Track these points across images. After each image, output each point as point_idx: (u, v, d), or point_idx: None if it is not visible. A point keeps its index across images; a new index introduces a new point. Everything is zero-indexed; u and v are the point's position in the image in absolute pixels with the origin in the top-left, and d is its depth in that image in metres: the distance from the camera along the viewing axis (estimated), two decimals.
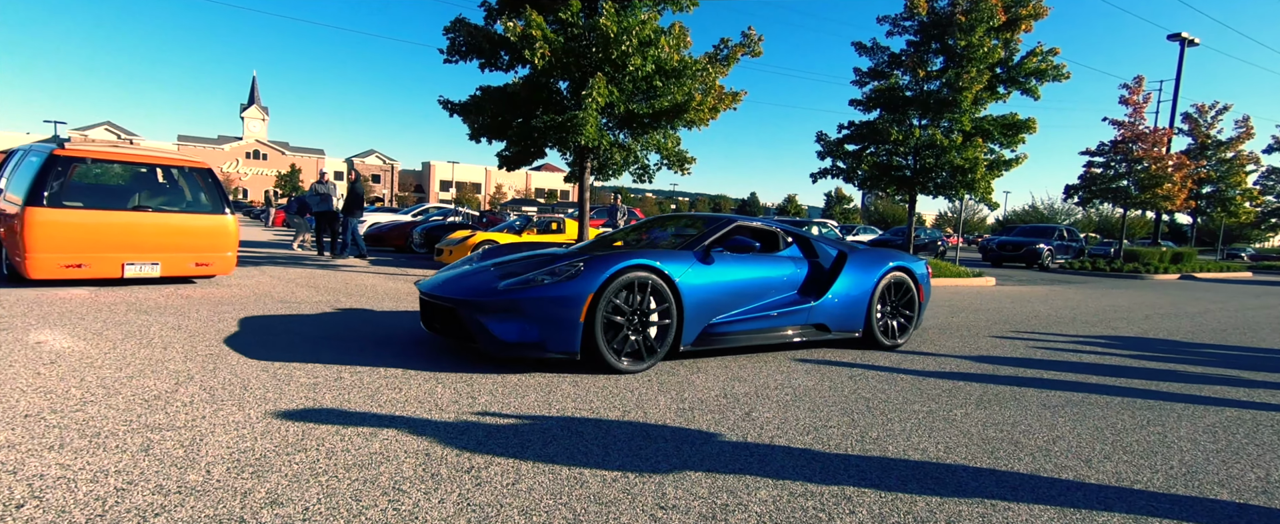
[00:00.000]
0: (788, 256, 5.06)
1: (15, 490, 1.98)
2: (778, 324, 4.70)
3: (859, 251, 5.40)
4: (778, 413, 3.32)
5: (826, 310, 4.94)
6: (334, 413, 2.93)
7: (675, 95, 8.89)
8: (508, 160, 9.58)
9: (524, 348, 3.82)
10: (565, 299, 3.78)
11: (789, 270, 4.91)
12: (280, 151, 79.43)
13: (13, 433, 2.44)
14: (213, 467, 2.24)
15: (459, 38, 8.84)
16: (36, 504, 1.90)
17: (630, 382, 3.79)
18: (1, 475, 2.08)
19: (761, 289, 4.66)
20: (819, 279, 5.05)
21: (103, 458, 2.26)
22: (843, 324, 5.05)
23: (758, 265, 4.73)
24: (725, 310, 4.42)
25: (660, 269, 4.04)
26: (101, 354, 3.78)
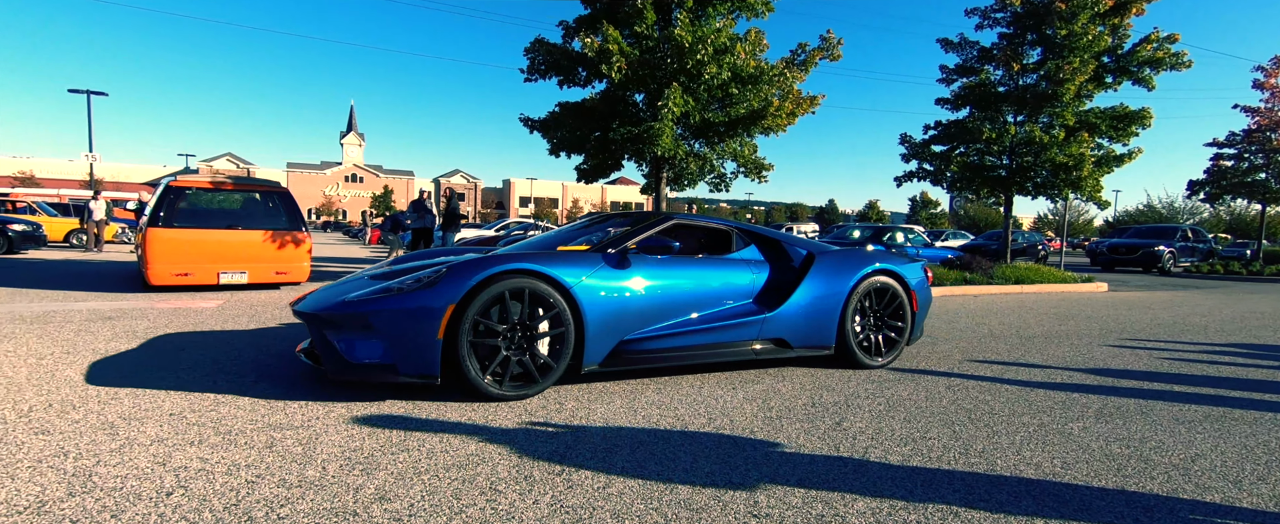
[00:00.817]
0: (741, 259, 4.35)
1: (165, 480, 2.20)
2: (721, 339, 3.97)
3: (832, 252, 4.58)
4: (871, 423, 3.18)
5: (784, 322, 4.15)
6: (432, 417, 3.07)
7: (751, 101, 8.80)
8: (586, 173, 9.79)
9: (371, 370, 3.17)
10: (420, 311, 3.13)
11: (742, 275, 4.20)
12: (375, 174, 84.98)
13: (160, 429, 2.72)
14: (327, 463, 2.40)
15: (538, 57, 9.16)
16: (182, 493, 2.10)
17: (713, 389, 3.75)
18: (154, 467, 2.31)
19: (703, 298, 3.98)
20: (785, 286, 4.32)
21: (234, 453, 2.47)
22: (807, 338, 4.25)
23: (698, 270, 4.04)
24: (650, 323, 3.74)
25: (548, 275, 3.36)
26: (228, 358, 4.14)
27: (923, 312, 4.79)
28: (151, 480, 2.18)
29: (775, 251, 4.54)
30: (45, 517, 1.90)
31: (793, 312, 4.19)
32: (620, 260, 3.72)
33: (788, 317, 4.17)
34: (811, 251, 4.52)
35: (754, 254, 4.46)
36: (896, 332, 4.59)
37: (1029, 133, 12.49)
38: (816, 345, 4.30)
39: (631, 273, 3.72)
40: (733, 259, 4.32)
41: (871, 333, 4.51)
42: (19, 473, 2.20)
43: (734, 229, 4.58)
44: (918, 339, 4.98)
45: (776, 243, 4.59)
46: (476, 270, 3.22)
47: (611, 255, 3.73)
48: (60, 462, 2.31)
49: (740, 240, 4.53)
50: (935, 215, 72.11)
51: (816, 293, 4.28)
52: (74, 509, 1.95)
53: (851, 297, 4.36)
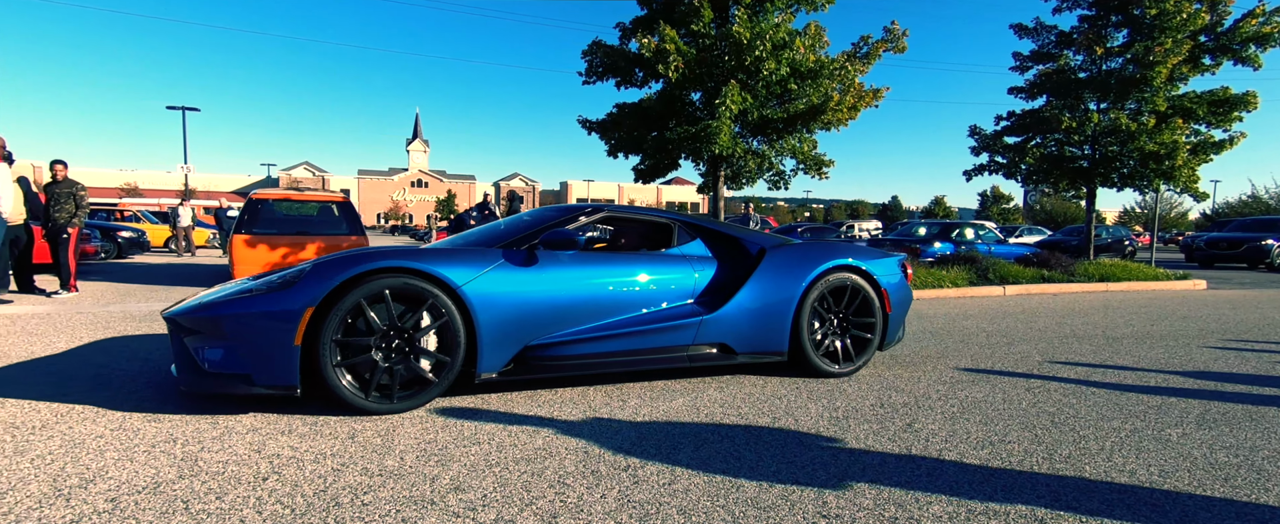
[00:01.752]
0: (682, 256, 3.92)
1: (260, 466, 2.35)
2: (651, 344, 3.58)
3: (788, 247, 4.08)
4: (944, 425, 3.06)
5: (725, 325, 3.71)
6: (500, 410, 3.16)
7: (811, 97, 8.63)
8: (643, 173, 9.84)
9: (223, 381, 2.86)
10: (273, 315, 2.82)
11: (681, 274, 3.79)
12: (439, 179, 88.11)
13: (255, 419, 2.92)
14: (405, 454, 2.51)
15: (596, 59, 9.27)
16: (277, 479, 2.24)
17: (777, 389, 3.70)
18: (250, 453, 2.48)
19: (632, 298, 3.59)
20: (733, 285, 3.92)
21: (321, 443, 2.62)
22: (753, 342, 3.80)
23: (625, 268, 3.65)
24: (564, 326, 3.38)
25: (432, 273, 3.03)
26: None
27: (899, 312, 4.25)
28: (249, 466, 2.34)
29: (728, 247, 4.11)
30: (160, 496, 2.07)
31: (735, 313, 3.74)
32: (527, 257, 3.39)
33: (729, 319, 3.72)
34: (764, 246, 4.04)
35: (700, 250, 4.03)
36: (864, 335, 4.08)
37: (1114, 120, 11.71)
38: (766, 351, 3.84)
39: (541, 271, 3.37)
40: (672, 255, 3.90)
41: (834, 337, 4.02)
42: (136, 456, 2.41)
43: (676, 221, 4.09)
44: (896, 342, 4.37)
45: (729, 238, 4.14)
46: (342, 269, 2.91)
47: (515, 252, 3.41)
48: (170, 447, 2.52)
49: (684, 234, 4.06)
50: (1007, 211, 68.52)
51: (764, 292, 3.82)
52: (184, 490, 2.12)
53: (807, 296, 3.89)
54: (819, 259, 3.97)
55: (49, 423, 2.79)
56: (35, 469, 2.27)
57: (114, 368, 3.87)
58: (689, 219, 4.16)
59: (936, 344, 5.37)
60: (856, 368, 4.05)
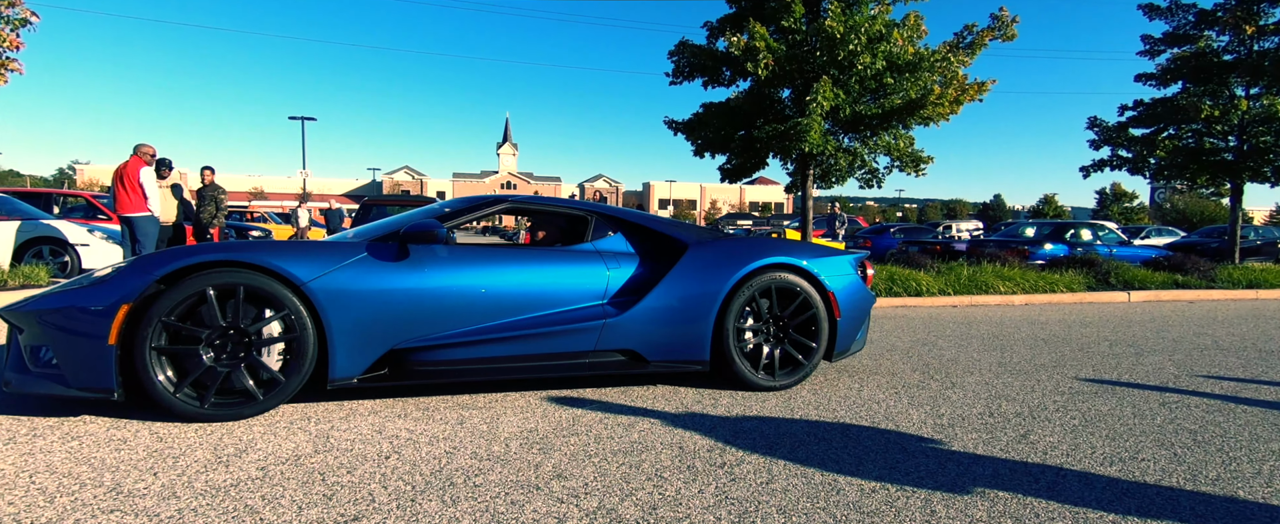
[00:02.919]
0: (594, 251, 3.50)
1: (383, 446, 2.55)
2: (544, 348, 3.24)
3: (715, 243, 3.62)
4: (1064, 438, 2.85)
5: (633, 329, 3.33)
6: (596, 402, 3.25)
7: (909, 91, 8.24)
8: (729, 173, 9.76)
9: (42, 381, 2.65)
10: (85, 312, 2.59)
11: (591, 271, 3.38)
12: (526, 181, 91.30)
13: (375, 404, 3.16)
14: (510, 441, 2.64)
15: (683, 59, 9.30)
16: (397, 458, 2.43)
17: (875, 393, 3.57)
18: (373, 433, 2.70)
19: (527, 298, 3.23)
20: (653, 285, 3.50)
21: (433, 427, 2.81)
22: (667, 349, 3.40)
23: (521, 264, 3.29)
24: (443, 327, 3.06)
25: (274, 268, 2.76)
26: None
27: (851, 319, 3.74)
28: (373, 445, 2.55)
29: (656, 244, 3.68)
30: (300, 467, 2.29)
31: (645, 317, 3.34)
32: (399, 252, 3.09)
33: (638, 323, 3.34)
34: (687, 241, 3.62)
35: (619, 245, 3.60)
36: (808, 343, 3.60)
37: (1268, 107, 10.40)
38: (683, 359, 3.44)
39: (413, 267, 3.06)
40: (581, 251, 3.49)
41: (768, 345, 3.57)
42: (278, 431, 2.68)
43: (593, 214, 3.66)
44: (852, 353, 3.87)
45: (657, 233, 3.70)
46: (163, 263, 2.69)
47: (384, 246, 3.11)
48: (305, 424, 2.78)
49: (602, 227, 3.63)
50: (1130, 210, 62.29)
51: (681, 293, 3.40)
52: (320, 463, 2.34)
53: (733, 297, 3.44)
54: (748, 257, 3.51)
55: None
56: (199, 438, 2.57)
57: None
58: (611, 211, 3.72)
59: (1051, 352, 4.99)
60: (796, 381, 3.59)
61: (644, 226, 3.71)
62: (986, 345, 5.29)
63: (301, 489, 2.10)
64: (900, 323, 6.61)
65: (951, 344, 5.32)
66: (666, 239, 3.68)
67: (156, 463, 2.29)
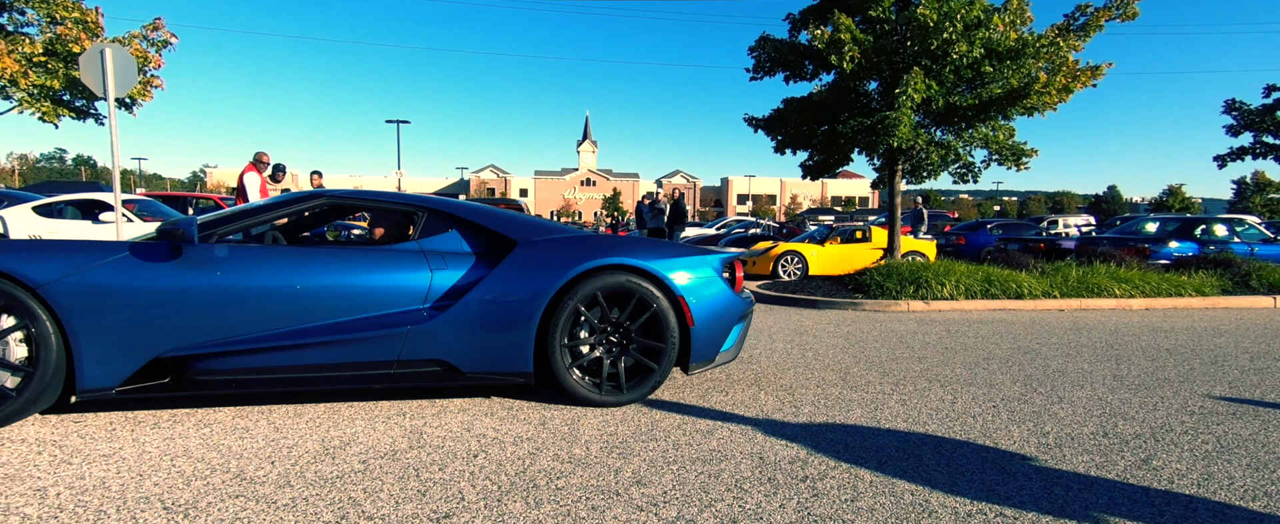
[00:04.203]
0: (417, 250, 3.17)
1: (471, 444, 2.67)
2: (340, 357, 2.96)
3: (547, 243, 3.24)
4: (1194, 464, 2.57)
5: (442, 337, 3.03)
6: (674, 407, 3.25)
7: (1010, 79, 7.68)
8: (811, 170, 9.48)
9: None
10: None
11: (410, 273, 3.07)
12: (605, 178, 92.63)
13: (464, 402, 3.31)
14: (590, 444, 2.69)
15: (763, 54, 9.11)
16: (485, 457, 2.53)
17: (969, 406, 3.36)
18: (462, 432, 2.83)
19: (327, 302, 2.94)
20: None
21: (517, 427, 2.90)
22: (484, 359, 3.09)
23: (320, 264, 3.00)
24: (223, 333, 2.81)
25: (5, 270, 2.56)
26: None
27: (709, 326, 3.32)
28: (462, 443, 2.67)
29: (489, 243, 3.33)
30: (397, 462, 2.44)
31: (457, 323, 3.04)
32: (168, 251, 2.84)
33: (449, 330, 3.03)
34: (516, 238, 3.27)
35: (452, 244, 3.26)
36: (649, 354, 3.26)
37: None
38: (503, 370, 3.12)
39: (185, 268, 2.82)
40: (401, 251, 3.17)
41: (609, 356, 3.23)
42: (377, 426, 2.86)
43: (424, 209, 3.33)
44: (718, 364, 3.47)
45: (486, 231, 3.33)
46: None
47: (152, 246, 2.87)
48: (401, 420, 2.95)
49: (433, 224, 3.30)
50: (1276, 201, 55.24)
51: (499, 297, 3.08)
52: (415, 459, 2.47)
53: (561, 302, 3.10)
54: (581, 257, 3.15)
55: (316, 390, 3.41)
56: (310, 429, 2.79)
57: None
58: (448, 207, 3.37)
59: (1177, 365, 4.52)
60: (639, 396, 3.24)
61: (475, 223, 3.33)
62: (1099, 355, 4.86)
63: (398, 484, 2.23)
64: (998, 328, 6.19)
65: (1058, 353, 4.93)
66: (497, 237, 3.33)
67: (274, 452, 2.50)
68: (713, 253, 3.50)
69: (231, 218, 3.09)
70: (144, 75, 8.51)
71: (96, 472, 2.26)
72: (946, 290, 7.95)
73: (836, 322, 6.51)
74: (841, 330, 5.95)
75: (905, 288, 7.98)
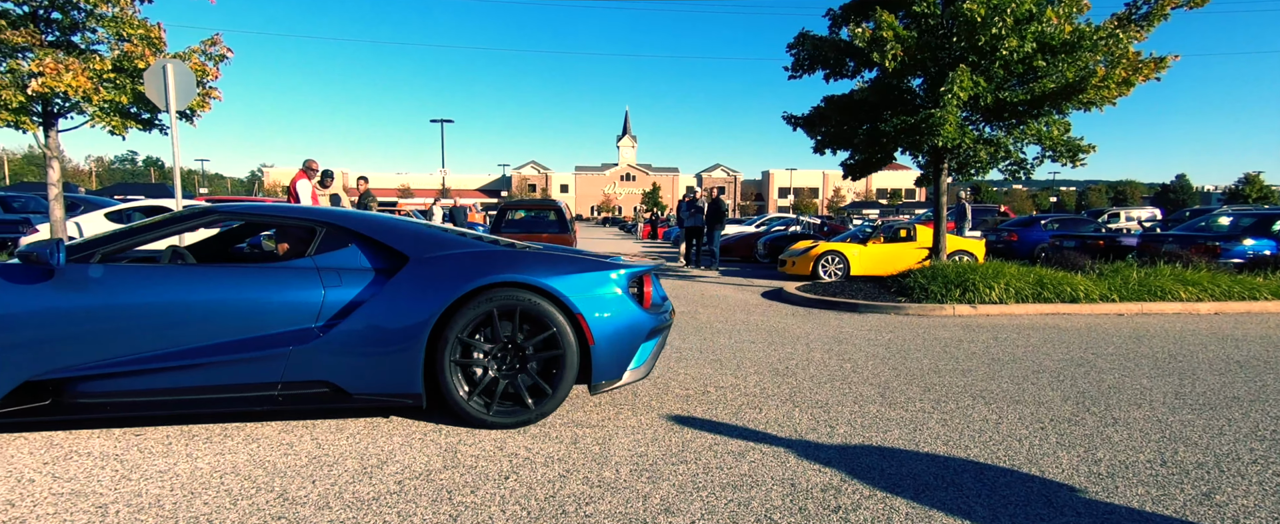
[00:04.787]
0: (311, 267, 3.08)
1: (503, 464, 2.71)
2: (221, 379, 2.90)
3: (440, 259, 3.14)
4: (1263, 500, 2.40)
5: (326, 357, 2.94)
6: (706, 426, 3.23)
7: (1065, 73, 7.31)
8: (852, 169, 9.25)
9: None
10: None
11: (297, 291, 2.99)
12: (645, 172, 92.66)
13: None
14: (620, 467, 2.70)
15: (803, 52, 8.92)
16: (516, 479, 2.56)
17: (1015, 427, 3.23)
18: (495, 450, 2.87)
19: (208, 322, 2.89)
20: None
21: (549, 446, 2.93)
22: (372, 380, 2.99)
23: (204, 282, 2.94)
24: (101, 354, 2.78)
25: None
26: None
27: (611, 344, 3.18)
28: (495, 463, 2.71)
29: (387, 258, 3.21)
30: (431, 483, 2.50)
31: (341, 343, 2.95)
32: (39, 272, 2.81)
33: (333, 350, 2.95)
34: (409, 254, 3.17)
35: (351, 260, 3.15)
36: (545, 376, 3.14)
37: None
38: (391, 392, 3.01)
39: (57, 289, 2.80)
40: (294, 267, 3.08)
41: (505, 376, 3.12)
42: (413, 444, 2.93)
43: (323, 224, 3.22)
44: (626, 383, 3.31)
45: (381, 246, 3.21)
46: None
47: (13, 268, 2.83)
48: (437, 437, 3.02)
49: (331, 240, 3.19)
50: None
51: (386, 315, 2.98)
52: (448, 480, 2.53)
53: (449, 321, 3.00)
54: (472, 274, 3.05)
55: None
56: (351, 446, 2.88)
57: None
58: (347, 221, 3.27)
59: (1247, 381, 4.24)
60: (535, 417, 3.14)
61: (372, 238, 3.22)
62: (1160, 369, 4.60)
63: (431, 508, 2.29)
64: (1050, 337, 5.93)
65: (1114, 366, 4.69)
66: (392, 252, 3.22)
67: (315, 470, 2.60)
68: (619, 267, 3.32)
69: (113, 237, 3.08)
70: (202, 88, 8.89)
71: (152, 489, 2.39)
72: (995, 293, 7.66)
73: (878, 328, 6.36)
74: (882, 338, 5.80)
75: (951, 291, 7.73)
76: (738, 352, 5.12)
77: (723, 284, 10.45)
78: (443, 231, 3.37)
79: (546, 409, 3.14)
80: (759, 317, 7.07)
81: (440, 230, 3.41)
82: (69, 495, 2.32)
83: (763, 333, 6.00)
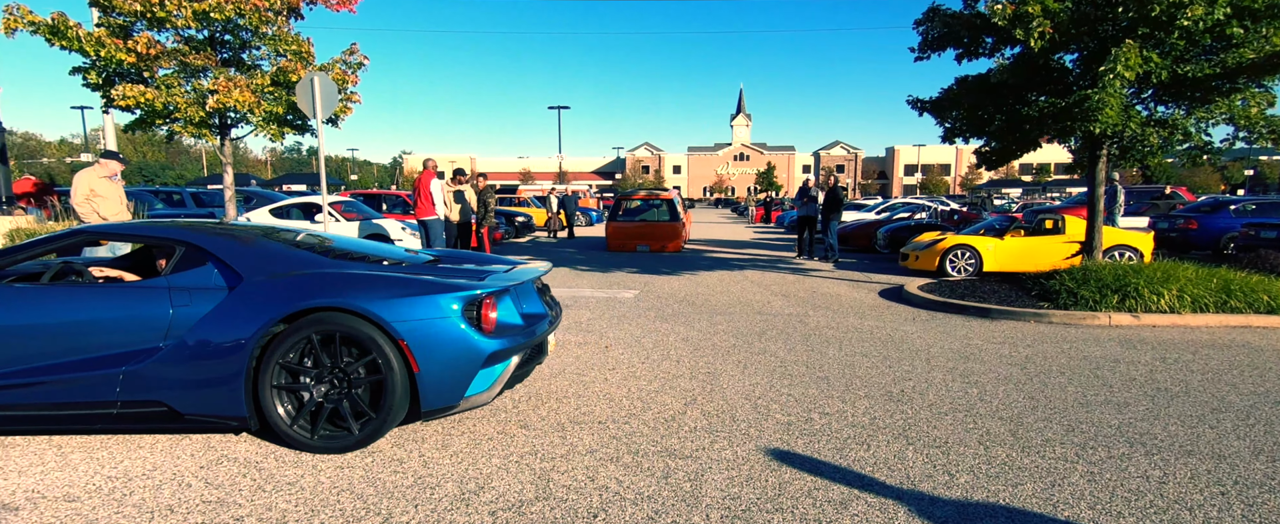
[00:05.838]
0: (163, 286, 3.15)
1: (592, 500, 2.70)
2: (67, 396, 3.02)
3: (277, 279, 3.15)
4: None
5: (157, 377, 3.01)
6: (806, 464, 3.04)
7: (1271, 40, 6.05)
8: (988, 158, 8.31)
9: None
10: None
11: (144, 311, 3.08)
12: (759, 152, 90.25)
13: (593, 440, 3.37)
14: (711, 511, 2.59)
15: (932, 29, 8.07)
16: (603, 519, 2.55)
17: (1185, 489, 2.73)
18: (587, 481, 2.88)
19: (58, 341, 3.06)
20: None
21: (640, 481, 2.89)
22: (198, 402, 3.04)
23: (50, 304, 3.11)
24: None
25: None
26: (639, 360, 4.91)
27: (440, 369, 3.07)
28: (584, 496, 2.71)
29: (231, 278, 3.19)
30: (523, 517, 2.54)
31: (170, 364, 3.01)
32: None
33: (165, 370, 3.01)
34: (243, 274, 3.17)
35: (205, 279, 3.17)
36: (375, 401, 3.07)
37: None
38: (219, 413, 3.05)
39: None
40: (146, 287, 3.18)
41: (328, 401, 3.08)
42: (510, 467, 3.01)
43: (183, 243, 3.29)
44: (462, 408, 3.22)
45: (225, 265, 3.20)
46: None
47: None
48: (532, 461, 3.08)
49: (187, 258, 3.25)
50: None
51: (215, 336, 3.02)
52: (539, 515, 2.56)
53: (272, 345, 3.02)
54: (294, 297, 3.03)
55: (463, 418, 3.68)
56: (452, 467, 3.01)
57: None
58: (204, 238, 3.32)
59: None
60: (359, 442, 3.07)
61: (218, 257, 3.24)
62: None
63: None
64: (1237, 359, 5.01)
65: None
66: (234, 272, 3.20)
67: (418, 493, 2.73)
68: (452, 291, 3.16)
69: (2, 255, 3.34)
70: (344, 94, 9.73)
71: (280, 503, 2.63)
72: (1164, 301, 6.61)
73: (1013, 340, 5.70)
74: (1018, 354, 5.20)
75: (1107, 297, 6.76)
76: (848, 368, 4.80)
77: (837, 280, 9.92)
78: (294, 250, 3.43)
79: (371, 434, 3.09)
80: (874, 322, 6.61)
81: (287, 247, 3.47)
82: (215, 504, 2.62)
83: (877, 344, 5.59)
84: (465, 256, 4.27)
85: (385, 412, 3.06)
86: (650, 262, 12.43)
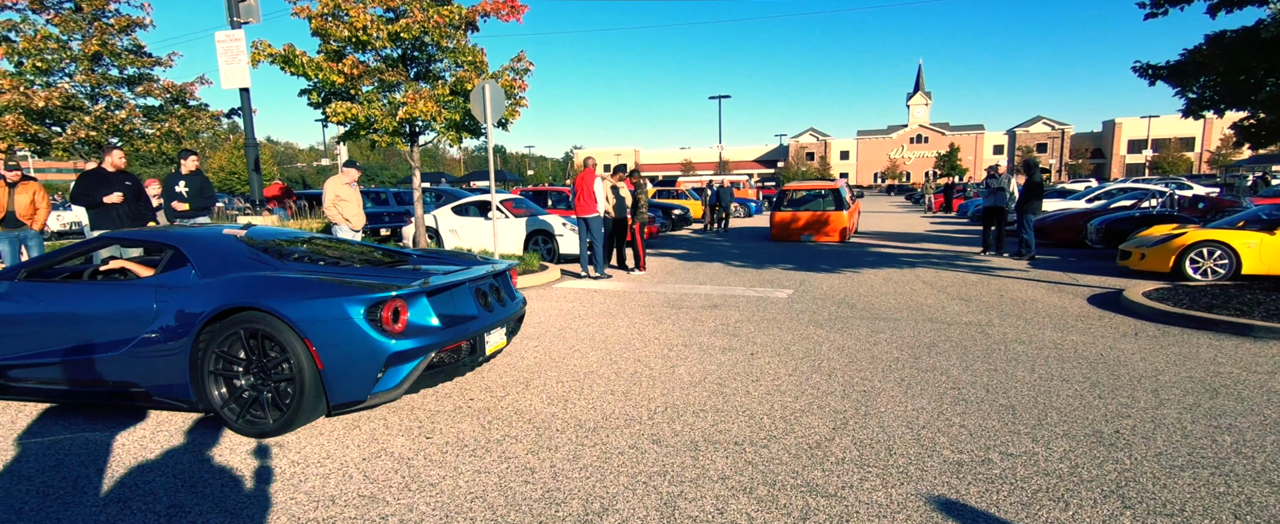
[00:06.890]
0: (152, 285, 3.66)
1: None
2: (83, 375, 3.66)
3: (213, 277, 3.58)
4: None
5: (132, 364, 3.54)
6: (980, 521, 2.54)
7: None
8: (1254, 134, 6.54)
9: None
10: None
11: (134, 307, 3.60)
12: (940, 133, 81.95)
13: (726, 462, 3.15)
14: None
15: None
16: None
17: None
18: (715, 518, 2.66)
19: (74, 330, 3.70)
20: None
21: (774, 519, 2.61)
22: (163, 388, 3.53)
23: (79, 298, 3.78)
24: (22, 349, 3.79)
25: None
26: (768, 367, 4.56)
27: (342, 367, 3.30)
28: None
29: (207, 267, 3.69)
30: None
31: (139, 352, 3.54)
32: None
33: (135, 359, 3.55)
34: (201, 272, 3.64)
35: (184, 279, 3.63)
36: (286, 394, 3.35)
37: None
38: (176, 398, 3.54)
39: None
40: (140, 285, 3.72)
41: (253, 390, 3.44)
42: (636, 490, 2.89)
43: (171, 247, 3.83)
44: (370, 404, 3.42)
45: (176, 263, 3.77)
46: None
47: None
48: (660, 483, 2.93)
49: (175, 260, 3.77)
50: None
51: (164, 330, 3.51)
52: None
53: (206, 338, 3.43)
54: (221, 298, 3.42)
55: (598, 428, 3.65)
56: (580, 482, 2.96)
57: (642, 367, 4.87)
58: (184, 242, 3.82)
59: None
60: (275, 429, 3.40)
61: (189, 259, 3.70)
62: None
63: None
64: None
65: None
66: (198, 272, 3.65)
67: (544, 509, 2.71)
68: (357, 293, 3.35)
69: (39, 260, 4.18)
70: (512, 99, 10.39)
71: (421, 504, 2.77)
72: None
73: None
74: None
75: None
76: (1042, 395, 4.02)
77: (1032, 281, 8.52)
78: (258, 253, 3.83)
79: (284, 424, 3.37)
80: (1080, 336, 5.51)
81: (264, 252, 3.89)
82: (367, 500, 2.83)
83: (1083, 365, 4.64)
84: (444, 257, 4.62)
85: (297, 404, 3.34)
86: (809, 256, 11.75)
